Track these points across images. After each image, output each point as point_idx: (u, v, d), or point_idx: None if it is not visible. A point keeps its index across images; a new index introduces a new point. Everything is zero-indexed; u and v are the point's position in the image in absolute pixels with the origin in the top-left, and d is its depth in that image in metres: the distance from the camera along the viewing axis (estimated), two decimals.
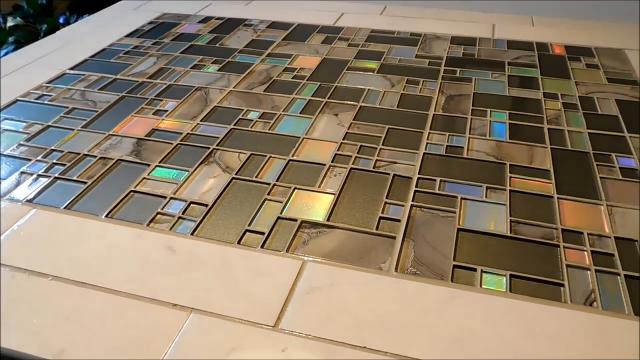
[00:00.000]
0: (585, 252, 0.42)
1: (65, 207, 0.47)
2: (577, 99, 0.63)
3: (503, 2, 0.83)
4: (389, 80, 0.68)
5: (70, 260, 0.42)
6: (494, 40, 0.79)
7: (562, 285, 0.39)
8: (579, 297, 0.38)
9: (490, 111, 0.61)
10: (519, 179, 0.50)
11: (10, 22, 1.59)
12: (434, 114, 0.60)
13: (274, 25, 0.88)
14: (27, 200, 0.48)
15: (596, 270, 0.40)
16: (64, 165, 0.53)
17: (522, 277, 0.40)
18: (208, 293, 0.39)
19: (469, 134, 0.57)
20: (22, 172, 0.52)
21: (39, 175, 0.52)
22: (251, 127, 0.59)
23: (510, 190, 0.48)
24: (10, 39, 1.56)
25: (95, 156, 0.55)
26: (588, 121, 0.59)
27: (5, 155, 0.55)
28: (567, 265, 0.40)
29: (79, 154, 0.55)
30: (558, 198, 0.47)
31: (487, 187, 0.49)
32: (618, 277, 0.39)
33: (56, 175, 0.52)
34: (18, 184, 0.51)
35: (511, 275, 0.40)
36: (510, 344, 0.34)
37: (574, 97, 0.63)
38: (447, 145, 0.55)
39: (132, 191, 0.49)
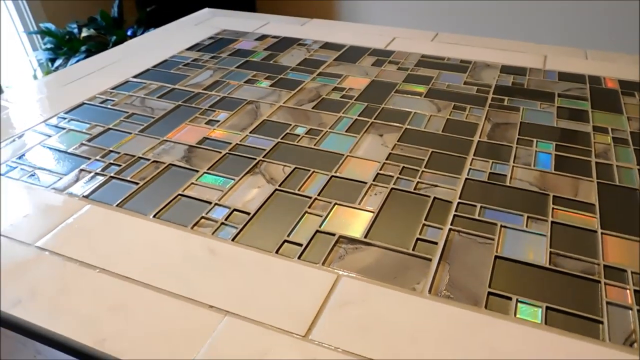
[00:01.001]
0: (628, 291, 0.40)
1: (117, 205, 0.50)
2: (628, 134, 0.61)
3: (556, 34, 0.82)
4: (436, 105, 0.69)
5: (118, 255, 0.44)
6: (545, 71, 0.78)
7: (601, 322, 0.38)
8: (618, 337, 0.37)
9: (537, 141, 0.60)
10: (561, 211, 0.49)
11: (84, 33, 1.70)
12: (478, 141, 0.60)
13: (326, 45, 0.90)
14: (84, 196, 0.52)
15: (639, 310, 0.39)
16: (119, 165, 0.57)
17: (558, 310, 0.39)
18: (243, 297, 0.40)
19: (513, 162, 0.56)
20: (81, 170, 0.56)
21: (96, 174, 0.55)
22: (297, 142, 0.61)
23: (552, 222, 0.48)
24: (83, 48, 1.67)
25: (148, 159, 0.58)
26: (639, 157, 0.57)
27: (69, 153, 0.59)
28: (608, 303, 0.39)
29: (134, 156, 0.59)
30: (602, 233, 0.46)
31: (528, 217, 0.48)
32: None
33: (112, 174, 0.55)
34: (77, 180, 0.54)
35: (547, 307, 0.39)
36: None
37: (625, 132, 0.62)
38: (489, 172, 0.55)
39: (179, 195, 0.52)
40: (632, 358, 0.35)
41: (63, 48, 1.62)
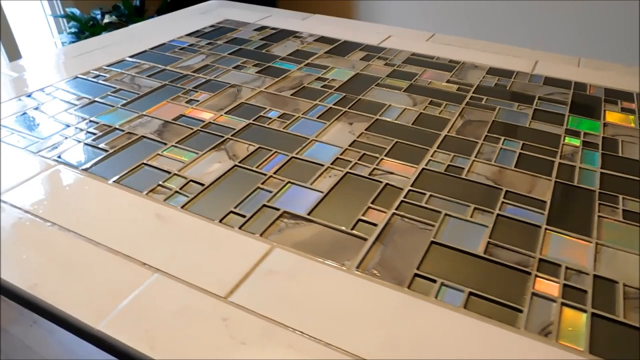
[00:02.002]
0: (557, 285, 0.40)
1: (82, 169, 0.53)
2: (600, 140, 0.60)
3: (561, 43, 0.81)
4: (413, 100, 0.69)
5: (70, 212, 0.46)
6: (532, 75, 0.78)
7: (521, 311, 0.38)
8: (535, 326, 0.37)
9: (504, 139, 0.60)
10: (510, 205, 0.49)
11: (106, 19, 1.76)
12: (446, 135, 0.61)
13: (321, 39, 0.92)
14: (54, 159, 0.54)
15: (562, 303, 0.39)
16: (94, 134, 0.59)
17: (481, 296, 0.39)
18: (177, 259, 0.42)
19: (475, 157, 0.56)
20: (58, 135, 0.59)
21: (71, 139, 0.58)
22: (268, 124, 0.62)
23: (498, 214, 0.48)
24: (104, 33, 1.72)
25: (123, 130, 0.60)
26: (604, 161, 0.56)
27: (50, 120, 0.62)
28: (534, 294, 0.39)
29: (110, 126, 0.61)
30: (546, 229, 0.46)
31: (475, 208, 0.48)
32: (584, 313, 0.38)
33: (85, 141, 0.58)
34: (52, 144, 0.57)
35: (470, 293, 0.39)
36: (446, 355, 0.34)
37: (597, 137, 0.61)
38: (448, 165, 0.55)
39: (143, 164, 0.54)
40: (543, 346, 0.35)
41: (85, 33, 1.68)
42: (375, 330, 0.36)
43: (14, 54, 1.77)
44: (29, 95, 0.68)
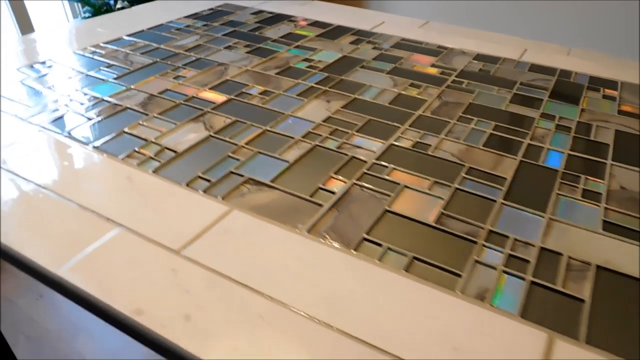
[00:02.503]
0: (502, 254, 0.41)
1: (65, 135, 0.55)
2: (574, 124, 0.61)
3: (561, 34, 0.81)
4: (394, 81, 0.70)
5: (47, 171, 0.49)
6: (518, 62, 0.78)
7: (460, 276, 0.39)
8: (472, 291, 0.38)
9: (477, 120, 0.61)
10: (471, 180, 0.50)
11: (119, 5, 1.80)
12: (420, 114, 0.62)
13: (315, 24, 0.93)
14: (41, 126, 0.57)
15: (504, 272, 0.40)
16: (83, 104, 0.62)
17: (424, 261, 0.40)
18: (139, 216, 0.44)
19: (445, 135, 0.57)
20: (50, 103, 0.62)
21: (58, 108, 0.61)
22: (248, 100, 0.64)
23: (457, 188, 0.49)
24: None
25: (109, 102, 0.63)
26: (574, 144, 0.57)
27: (41, 90, 0.65)
28: (476, 261, 0.40)
29: (98, 98, 0.64)
30: (502, 203, 0.47)
31: (435, 182, 0.49)
32: (523, 281, 0.39)
33: (73, 110, 0.60)
34: (40, 112, 0.60)
35: (414, 258, 0.41)
36: (379, 312, 0.36)
37: (572, 122, 0.61)
38: (417, 141, 0.56)
39: (124, 132, 0.57)
40: (476, 309, 0.36)
41: None
42: (315, 287, 0.38)
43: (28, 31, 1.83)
44: (30, 67, 0.72)
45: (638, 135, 0.59)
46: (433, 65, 0.76)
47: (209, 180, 0.49)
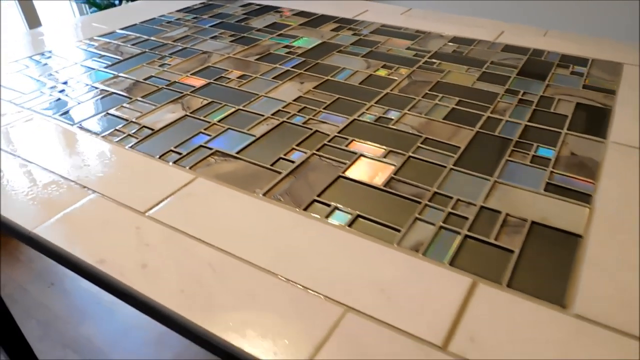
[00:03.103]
0: (442, 212, 0.44)
1: (51, 116, 0.60)
2: (537, 98, 0.63)
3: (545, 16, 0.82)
4: (368, 63, 0.73)
5: (35, 149, 0.54)
6: (493, 43, 0.80)
7: (399, 231, 0.42)
8: (408, 243, 0.41)
9: (442, 96, 0.63)
10: (425, 149, 0.53)
11: (123, 5, 1.87)
12: (387, 93, 0.64)
13: (301, 14, 0.96)
14: (33, 110, 0.62)
15: (441, 227, 0.42)
16: (74, 90, 0.67)
17: (367, 218, 0.43)
18: (112, 185, 0.48)
19: (407, 110, 0.60)
20: (39, 92, 0.66)
21: (49, 95, 0.65)
22: (226, 84, 0.68)
23: (410, 156, 0.51)
24: None
25: (97, 88, 0.67)
26: (533, 116, 0.59)
27: (35, 79, 0.70)
28: (417, 218, 0.43)
29: (87, 84, 0.68)
30: (451, 169, 0.50)
31: (389, 151, 0.52)
32: (458, 235, 0.42)
33: (60, 95, 0.65)
34: (32, 98, 0.65)
35: (358, 215, 0.44)
36: (318, 262, 0.39)
37: (535, 96, 0.63)
38: (380, 116, 0.59)
39: (107, 113, 0.61)
40: (410, 259, 0.39)
41: None
42: (262, 241, 0.41)
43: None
44: (30, 58, 0.77)
45: (598, 107, 0.61)
46: (408, 48, 0.78)
47: (180, 154, 0.53)
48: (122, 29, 0.90)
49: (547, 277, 0.37)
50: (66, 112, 0.61)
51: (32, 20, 1.26)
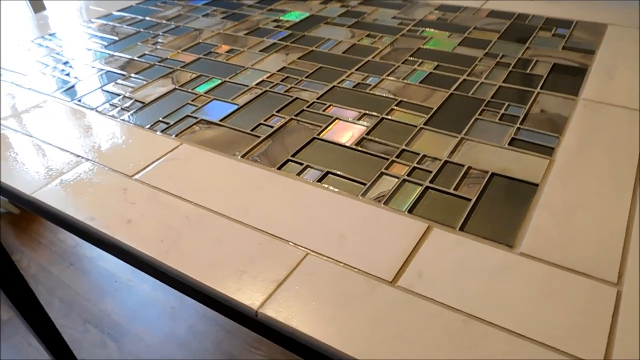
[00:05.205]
0: (408, 167, 0.46)
1: (49, 94, 0.64)
2: (515, 60, 0.64)
3: None
4: (353, 33, 0.75)
5: (32, 122, 0.58)
6: (480, 9, 0.81)
7: (365, 184, 0.45)
8: (371, 195, 0.43)
9: (421, 61, 0.65)
10: (398, 111, 0.55)
11: None
12: (369, 60, 0.66)
13: None
14: (30, 89, 0.66)
15: (404, 180, 0.45)
16: (72, 68, 0.70)
17: (336, 174, 0.46)
18: (102, 152, 0.51)
19: (387, 76, 0.62)
20: (39, 72, 0.70)
21: (49, 74, 0.69)
22: (215, 58, 0.71)
23: (383, 117, 0.54)
24: None
25: (94, 67, 0.71)
26: (509, 77, 0.60)
27: (36, 61, 0.74)
28: (383, 173, 0.46)
29: (86, 64, 0.72)
30: (421, 128, 0.52)
31: (364, 113, 0.55)
32: (419, 187, 0.44)
33: (59, 75, 0.69)
34: (33, 77, 0.68)
35: (328, 172, 0.46)
36: (285, 213, 0.42)
37: (513, 59, 0.65)
38: (359, 82, 0.61)
39: (102, 89, 0.64)
40: (371, 208, 0.42)
41: None
42: (236, 197, 0.44)
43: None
44: (31, 42, 0.81)
45: (574, 67, 0.62)
46: (394, 17, 0.80)
47: (167, 123, 0.56)
48: (118, 10, 0.93)
49: (499, 222, 0.40)
50: (62, 89, 0.65)
51: (37, 5, 1.30)
